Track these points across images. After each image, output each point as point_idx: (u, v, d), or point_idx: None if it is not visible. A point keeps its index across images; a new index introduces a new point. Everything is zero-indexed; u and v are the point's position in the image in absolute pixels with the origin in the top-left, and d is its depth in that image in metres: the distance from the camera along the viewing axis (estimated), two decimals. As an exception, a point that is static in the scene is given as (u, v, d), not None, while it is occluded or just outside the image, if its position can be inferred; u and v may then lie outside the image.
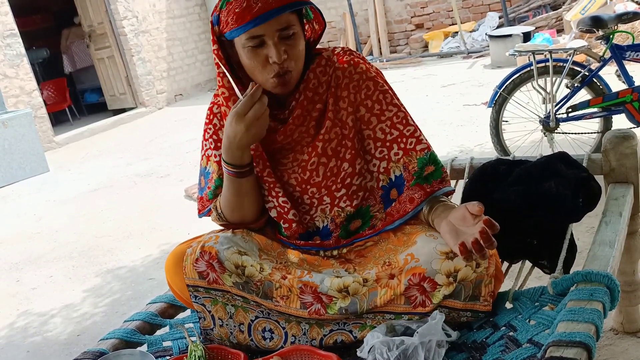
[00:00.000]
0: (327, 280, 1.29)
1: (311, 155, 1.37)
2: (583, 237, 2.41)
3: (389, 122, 1.37)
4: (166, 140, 6.55)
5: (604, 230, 1.40)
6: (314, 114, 1.36)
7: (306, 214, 1.41)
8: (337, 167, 1.37)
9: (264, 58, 1.26)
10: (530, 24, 7.14)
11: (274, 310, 1.33)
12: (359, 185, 1.39)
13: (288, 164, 1.39)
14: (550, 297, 1.25)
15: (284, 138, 1.36)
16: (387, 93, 1.38)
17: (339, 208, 1.39)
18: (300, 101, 1.34)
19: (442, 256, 1.21)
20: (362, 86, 1.37)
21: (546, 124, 3.28)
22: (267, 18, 1.21)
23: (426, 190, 1.33)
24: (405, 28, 9.07)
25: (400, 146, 1.36)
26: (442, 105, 5.43)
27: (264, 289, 1.32)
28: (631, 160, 1.60)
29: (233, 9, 1.23)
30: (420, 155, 1.35)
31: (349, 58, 1.38)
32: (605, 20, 3.09)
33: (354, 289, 1.27)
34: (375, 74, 1.39)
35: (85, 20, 8.65)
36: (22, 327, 2.87)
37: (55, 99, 8.83)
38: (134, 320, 1.52)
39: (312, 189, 1.38)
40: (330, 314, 1.28)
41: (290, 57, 1.27)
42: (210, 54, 9.69)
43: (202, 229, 1.63)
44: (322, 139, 1.36)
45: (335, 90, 1.36)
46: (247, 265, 1.32)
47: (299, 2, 1.25)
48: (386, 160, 1.37)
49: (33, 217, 4.68)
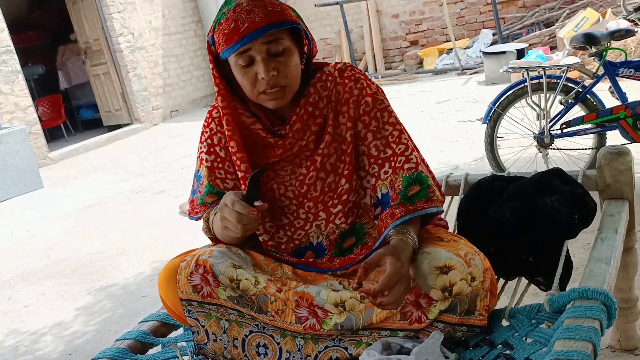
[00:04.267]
0: (324, 292, 1.28)
1: (310, 170, 1.37)
2: (579, 253, 2.40)
3: (384, 140, 1.36)
4: (161, 156, 6.54)
5: (600, 246, 1.39)
6: (313, 128, 1.36)
7: (300, 229, 1.40)
8: (335, 183, 1.37)
9: (254, 75, 1.28)
10: (523, 41, 7.20)
11: (268, 324, 1.32)
12: (354, 202, 1.38)
13: (286, 176, 1.39)
14: (547, 314, 1.24)
15: (283, 152, 1.36)
16: (386, 110, 1.38)
17: (333, 224, 1.38)
18: (301, 115, 1.35)
19: (437, 271, 1.20)
20: (362, 102, 1.36)
21: (540, 140, 3.28)
22: (254, 37, 1.23)
23: (408, 208, 1.30)
24: (400, 45, 9.13)
25: (391, 164, 1.35)
26: (436, 121, 5.45)
27: (259, 302, 1.31)
28: (626, 176, 1.60)
29: (223, 30, 1.26)
30: (407, 174, 1.33)
31: (350, 74, 1.39)
32: (598, 37, 3.12)
33: (350, 305, 1.26)
34: (375, 90, 1.39)
35: (81, 36, 8.68)
36: (13, 345, 2.83)
37: (50, 115, 8.82)
38: (126, 339, 1.50)
39: (309, 203, 1.38)
40: (325, 329, 1.27)
41: (280, 73, 1.27)
42: (206, 71, 9.74)
43: (196, 245, 1.62)
44: (322, 154, 1.36)
45: (336, 105, 1.37)
46: (242, 278, 1.31)
47: (285, 22, 1.26)
48: (375, 178, 1.36)
49: (26, 233, 4.65)
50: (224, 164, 1.42)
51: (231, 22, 1.25)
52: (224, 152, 1.41)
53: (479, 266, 1.20)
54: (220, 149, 1.41)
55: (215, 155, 1.42)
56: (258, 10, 1.24)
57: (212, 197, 1.42)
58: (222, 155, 1.41)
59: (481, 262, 1.21)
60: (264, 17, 1.23)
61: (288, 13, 1.28)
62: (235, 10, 1.25)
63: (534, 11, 7.94)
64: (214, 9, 9.18)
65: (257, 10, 1.24)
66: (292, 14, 1.29)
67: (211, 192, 1.42)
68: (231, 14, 1.25)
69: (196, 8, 9.54)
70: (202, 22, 9.60)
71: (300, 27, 1.30)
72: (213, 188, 1.42)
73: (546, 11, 7.83)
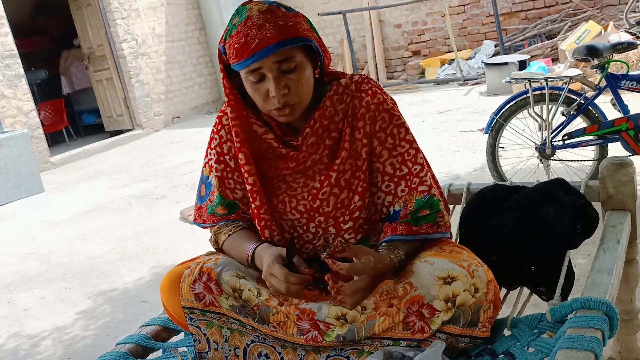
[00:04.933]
0: (325, 307, 1.27)
1: (323, 185, 1.35)
2: (580, 264, 2.40)
3: (400, 157, 1.34)
4: (162, 162, 6.55)
5: (602, 257, 1.39)
6: (328, 142, 1.34)
7: (309, 242, 1.40)
8: (349, 200, 1.35)
9: (265, 92, 1.25)
10: (525, 53, 7.23)
11: (270, 335, 1.31)
12: (365, 219, 1.37)
13: (298, 189, 1.37)
14: (549, 324, 1.24)
15: (296, 165, 1.34)
16: (402, 127, 1.36)
17: (342, 239, 1.37)
18: (315, 129, 1.32)
19: (440, 281, 1.20)
20: (378, 118, 1.34)
21: (542, 151, 3.29)
22: (264, 55, 1.20)
23: (411, 229, 1.31)
24: (402, 55, 9.17)
25: (407, 184, 1.34)
26: (438, 131, 5.47)
27: (261, 313, 1.31)
28: (628, 187, 1.61)
29: (233, 44, 1.23)
30: (419, 197, 1.33)
31: (367, 87, 1.35)
32: (600, 49, 3.13)
33: (352, 317, 1.25)
34: (392, 105, 1.37)
35: (84, 42, 8.71)
36: (12, 349, 2.82)
37: (52, 120, 8.84)
38: (127, 343, 1.50)
39: (320, 217, 1.37)
40: (327, 341, 1.27)
41: (292, 91, 1.25)
42: (208, 77, 9.77)
43: (197, 251, 1.62)
44: (337, 170, 1.34)
45: (352, 120, 1.34)
46: (245, 289, 1.31)
47: (297, 39, 1.22)
48: (392, 195, 1.35)
49: (27, 237, 4.65)
50: (234, 174, 1.40)
51: (241, 36, 1.21)
52: (234, 161, 1.39)
53: (483, 277, 1.19)
54: (230, 158, 1.39)
55: (224, 165, 1.40)
56: (269, 26, 1.19)
57: (223, 209, 1.42)
58: (231, 165, 1.40)
59: (484, 273, 1.20)
60: (275, 34, 1.19)
61: (300, 27, 1.23)
62: (246, 23, 1.21)
63: (536, 23, 7.97)
64: (217, 17, 9.23)
65: (267, 25, 1.20)
66: (305, 27, 1.25)
67: (222, 203, 1.41)
68: (242, 27, 1.21)
69: (199, 16, 9.59)
70: (205, 30, 9.64)
71: (312, 43, 1.25)
72: (224, 199, 1.41)
73: (548, 23, 7.87)
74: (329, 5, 9.20)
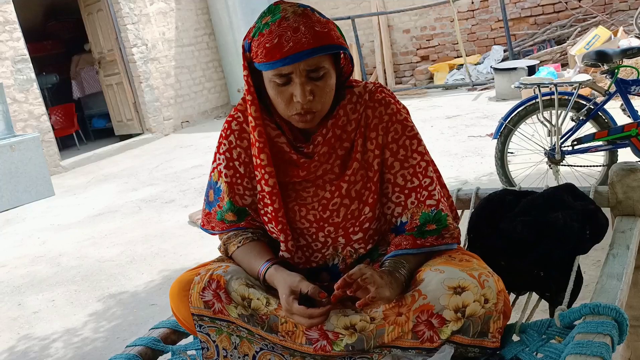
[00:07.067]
0: (334, 317, 1.27)
1: (334, 195, 1.34)
2: (589, 269, 2.39)
3: (412, 169, 1.33)
4: (172, 166, 6.58)
5: (612, 263, 1.38)
6: (340, 152, 1.33)
7: (318, 251, 1.39)
8: (359, 211, 1.34)
9: (289, 96, 1.23)
10: (534, 58, 7.21)
11: (278, 344, 1.31)
12: (375, 229, 1.37)
13: (308, 198, 1.36)
14: (558, 329, 1.24)
15: (307, 174, 1.33)
16: (415, 139, 1.35)
17: (352, 249, 1.37)
18: (328, 138, 1.31)
19: (450, 291, 1.18)
20: (391, 129, 1.33)
21: (551, 156, 3.28)
22: (297, 59, 1.17)
23: (416, 242, 1.31)
24: (411, 60, 9.17)
25: (417, 196, 1.33)
26: (446, 136, 5.46)
27: (270, 322, 1.30)
28: (638, 193, 1.60)
29: (264, 43, 1.20)
30: (426, 210, 1.32)
31: (381, 97, 1.34)
32: (610, 54, 3.12)
33: (361, 327, 1.25)
34: (405, 115, 1.36)
35: (95, 47, 8.78)
36: (23, 351, 2.84)
37: (63, 124, 8.91)
38: (137, 345, 1.51)
39: (330, 227, 1.36)
40: (336, 350, 1.26)
41: (316, 98, 1.23)
42: (217, 82, 9.81)
43: (205, 254, 1.63)
44: (348, 180, 1.33)
45: (365, 130, 1.32)
46: (254, 298, 1.30)
47: (331, 46, 1.20)
48: (401, 207, 1.34)
49: (37, 240, 4.68)
50: (243, 180, 1.38)
51: (275, 36, 1.18)
52: (243, 167, 1.37)
53: (493, 288, 1.18)
54: (239, 164, 1.38)
55: (234, 171, 1.38)
56: (305, 30, 1.18)
57: (233, 215, 1.40)
58: (241, 171, 1.38)
59: (495, 283, 1.19)
60: (311, 39, 1.17)
61: (335, 34, 1.22)
62: (281, 24, 1.19)
63: (545, 28, 7.96)
64: (227, 22, 9.28)
65: (304, 29, 1.18)
66: (338, 34, 1.23)
67: (232, 209, 1.39)
68: (275, 28, 1.19)
69: (209, 21, 9.65)
70: (214, 35, 9.70)
71: (347, 51, 1.25)
72: (234, 205, 1.39)
73: (557, 28, 7.85)
74: (337, 10, 9.23)
